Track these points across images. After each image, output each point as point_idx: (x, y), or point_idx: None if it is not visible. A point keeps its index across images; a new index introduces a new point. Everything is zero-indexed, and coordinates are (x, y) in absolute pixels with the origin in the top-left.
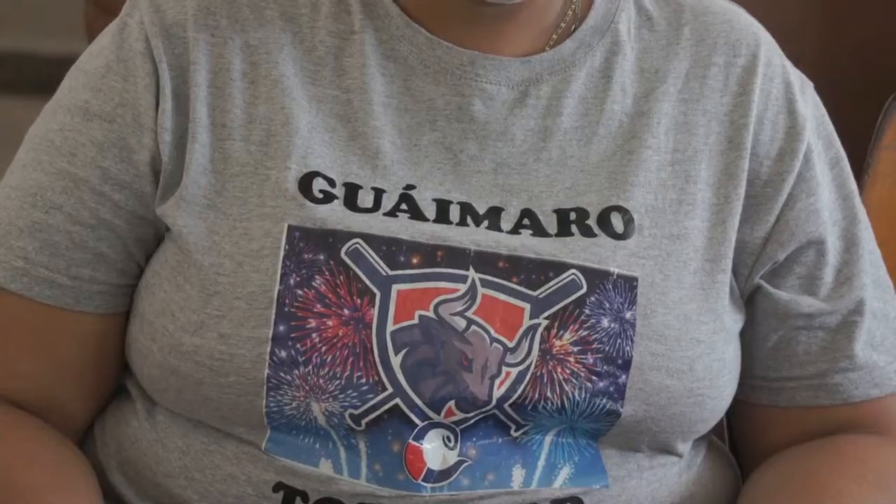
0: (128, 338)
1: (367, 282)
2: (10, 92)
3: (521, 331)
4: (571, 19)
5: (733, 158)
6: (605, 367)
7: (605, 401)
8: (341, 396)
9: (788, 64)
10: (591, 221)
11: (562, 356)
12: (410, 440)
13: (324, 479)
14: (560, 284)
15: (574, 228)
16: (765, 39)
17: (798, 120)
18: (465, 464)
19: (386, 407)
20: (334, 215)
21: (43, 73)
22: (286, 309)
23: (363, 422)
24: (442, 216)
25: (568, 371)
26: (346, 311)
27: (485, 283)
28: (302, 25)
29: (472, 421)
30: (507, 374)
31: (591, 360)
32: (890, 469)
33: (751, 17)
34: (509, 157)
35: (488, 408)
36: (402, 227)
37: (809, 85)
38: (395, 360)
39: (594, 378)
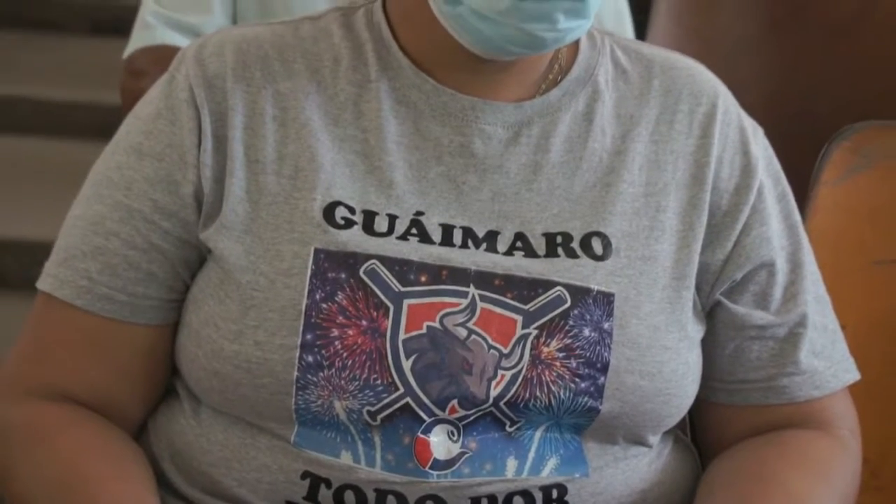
0: (177, 345)
1: (382, 297)
2: (73, 136)
3: (514, 339)
4: (558, 71)
5: (697, 192)
6: (586, 371)
7: (586, 399)
8: (360, 395)
9: (742, 112)
10: (575, 244)
11: (549, 361)
12: (419, 434)
13: (344, 468)
14: (548, 299)
15: (560, 250)
16: (722, 91)
17: (751, 160)
18: (466, 455)
19: (398, 405)
20: (354, 239)
21: (101, 120)
22: (312, 320)
23: (378, 418)
24: (447, 239)
25: (554, 374)
26: (364, 322)
27: (483, 298)
28: (325, 76)
29: (472, 417)
30: (503, 376)
31: (574, 365)
32: (827, 458)
33: (710, 72)
34: (505, 187)
35: (486, 406)
36: (412, 250)
37: (760, 130)
38: (406, 365)
39: (577, 380)
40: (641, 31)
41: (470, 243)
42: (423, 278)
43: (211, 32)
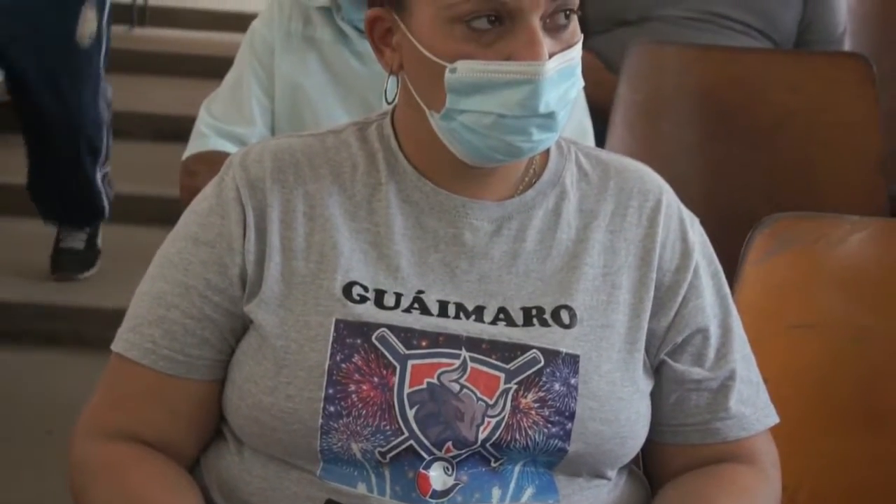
0: (224, 397)
1: (391, 358)
2: (140, 224)
3: (498, 392)
4: (532, 175)
5: (645, 272)
6: (556, 418)
7: (556, 441)
8: (372, 439)
9: (682, 206)
10: (547, 316)
11: (526, 410)
12: (421, 469)
13: (361, 496)
14: (525, 360)
15: (535, 321)
16: (666, 189)
17: (689, 245)
18: (459, 486)
19: (403, 446)
20: (367, 312)
21: (164, 210)
22: (334, 377)
23: (388, 456)
24: (443, 312)
25: (531, 421)
26: (375, 379)
27: (473, 360)
28: (345, 180)
29: (463, 456)
30: (489, 423)
31: (546, 413)
32: (753, 486)
33: (656, 173)
34: (489, 270)
35: (475, 446)
36: (415, 320)
37: (696, 220)
38: (410, 413)
39: (549, 425)
40: (601, 139)
41: (462, 315)
42: (423, 343)
43: (254, 140)
